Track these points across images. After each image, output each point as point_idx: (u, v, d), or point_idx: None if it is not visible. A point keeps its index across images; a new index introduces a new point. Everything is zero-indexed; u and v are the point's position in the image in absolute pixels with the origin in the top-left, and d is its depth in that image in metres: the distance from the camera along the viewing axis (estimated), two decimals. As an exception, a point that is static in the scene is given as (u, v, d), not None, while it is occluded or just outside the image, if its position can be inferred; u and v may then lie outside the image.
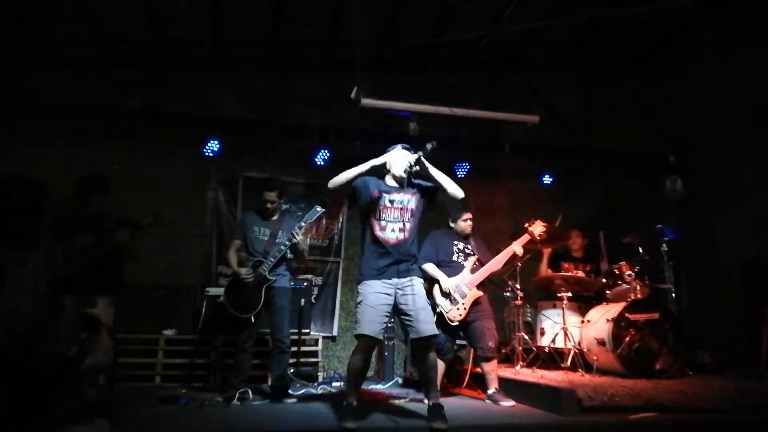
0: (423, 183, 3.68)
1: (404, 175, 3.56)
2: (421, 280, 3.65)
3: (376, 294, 3.47)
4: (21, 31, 5.55)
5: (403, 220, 3.58)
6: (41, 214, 4.62)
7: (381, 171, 3.71)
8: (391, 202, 3.60)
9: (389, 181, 3.69)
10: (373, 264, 3.54)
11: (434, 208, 3.83)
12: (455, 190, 3.67)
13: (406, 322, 3.52)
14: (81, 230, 4.05)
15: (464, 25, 5.78)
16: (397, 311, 3.55)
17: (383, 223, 3.58)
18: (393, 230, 3.56)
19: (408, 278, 3.51)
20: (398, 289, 3.51)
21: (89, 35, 5.69)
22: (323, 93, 6.60)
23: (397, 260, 3.51)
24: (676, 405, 3.90)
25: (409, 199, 3.62)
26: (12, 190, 5.09)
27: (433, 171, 3.62)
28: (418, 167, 3.54)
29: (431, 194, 3.70)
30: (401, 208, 3.60)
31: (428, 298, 4.47)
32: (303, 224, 4.50)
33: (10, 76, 5.85)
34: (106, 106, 5.92)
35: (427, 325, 3.47)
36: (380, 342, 3.64)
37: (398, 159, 3.64)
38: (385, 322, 3.53)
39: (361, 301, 3.51)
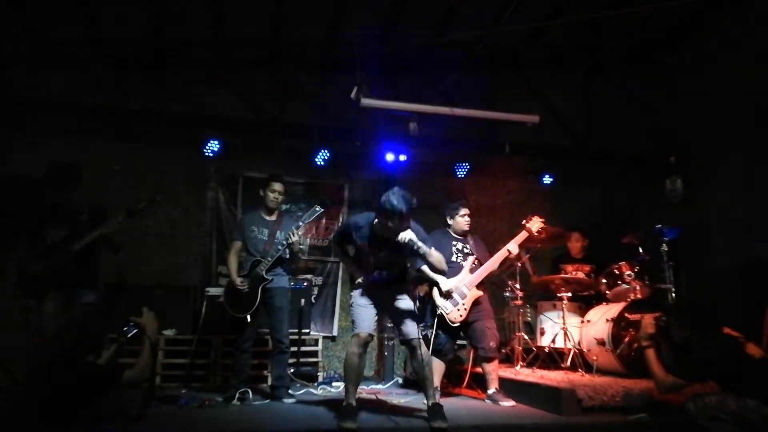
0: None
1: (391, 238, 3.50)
2: (407, 293, 3.78)
3: (365, 295, 3.72)
4: (21, 31, 5.55)
5: (383, 267, 3.70)
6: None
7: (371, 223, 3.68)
8: (375, 258, 3.67)
9: (372, 231, 3.62)
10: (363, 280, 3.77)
11: None
12: (440, 267, 3.67)
13: (395, 324, 3.76)
14: (52, 224, 3.96)
15: (464, 25, 5.78)
16: (385, 312, 3.79)
17: (366, 268, 3.74)
18: (377, 273, 3.70)
19: (393, 291, 3.73)
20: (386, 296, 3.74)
21: (89, 35, 5.69)
22: (323, 93, 6.60)
23: (381, 288, 3.72)
24: (676, 405, 3.89)
25: (392, 252, 3.63)
26: (12, 190, 5.08)
27: (425, 252, 3.50)
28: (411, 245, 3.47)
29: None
30: (382, 260, 3.68)
31: (429, 300, 4.50)
32: (302, 224, 4.52)
33: (11, 76, 5.85)
34: (106, 106, 5.92)
35: (414, 328, 3.66)
36: (374, 337, 3.74)
37: (394, 225, 3.43)
38: (377, 317, 3.69)
39: (353, 303, 3.75)
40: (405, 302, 3.72)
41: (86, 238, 3.95)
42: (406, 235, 3.42)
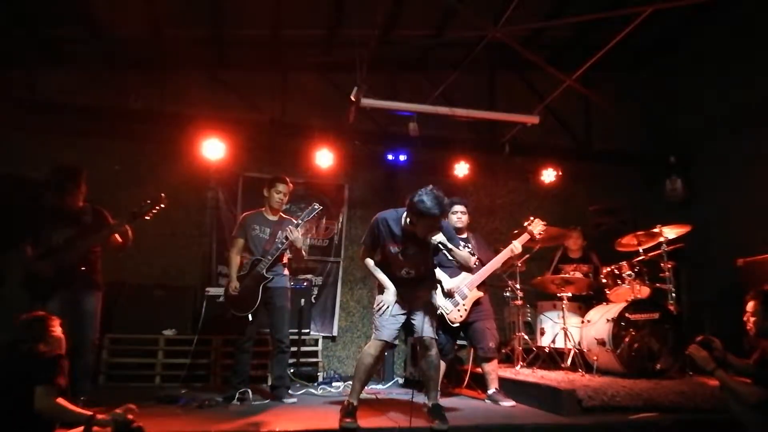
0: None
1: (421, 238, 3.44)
2: (432, 291, 3.75)
3: (392, 303, 3.59)
4: (21, 31, 5.55)
5: (410, 267, 3.63)
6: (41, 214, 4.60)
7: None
8: (404, 255, 3.59)
9: (403, 230, 3.55)
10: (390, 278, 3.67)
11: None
12: (469, 264, 3.71)
13: (412, 320, 3.64)
14: (56, 226, 3.98)
15: (464, 25, 5.78)
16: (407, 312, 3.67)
17: (393, 267, 3.66)
18: (402, 272, 3.64)
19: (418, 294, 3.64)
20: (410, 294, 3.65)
21: (89, 35, 5.69)
22: (323, 93, 6.60)
23: (410, 286, 3.65)
24: (676, 405, 3.90)
25: (419, 252, 3.58)
26: (12, 190, 5.08)
27: (456, 254, 3.47)
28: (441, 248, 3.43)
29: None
30: (410, 261, 3.60)
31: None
32: (301, 222, 4.54)
33: (10, 76, 5.85)
34: (106, 106, 5.92)
35: (429, 327, 3.60)
36: (394, 346, 3.70)
37: (425, 227, 3.38)
38: (399, 328, 3.64)
39: (378, 310, 3.60)
40: (428, 301, 3.68)
41: (89, 243, 3.96)
42: (437, 238, 3.36)
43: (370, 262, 3.72)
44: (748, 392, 3.19)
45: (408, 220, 3.44)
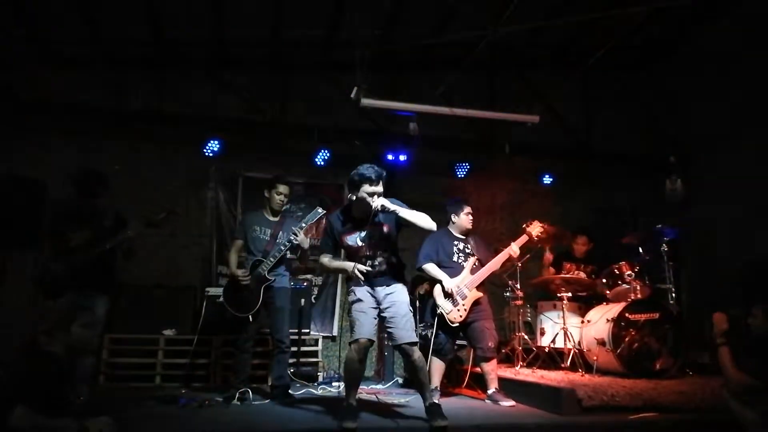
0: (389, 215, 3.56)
1: (369, 212, 3.49)
2: (405, 288, 3.69)
3: (364, 298, 3.61)
4: (21, 31, 5.55)
5: (373, 255, 3.61)
6: (41, 214, 4.60)
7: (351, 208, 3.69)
8: (361, 240, 3.63)
9: (353, 217, 3.65)
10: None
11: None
12: (427, 224, 3.57)
13: (388, 328, 3.61)
14: (75, 227, 3.99)
15: (464, 25, 5.78)
16: (380, 316, 3.63)
17: (354, 258, 3.65)
18: (367, 264, 3.61)
19: (390, 288, 3.60)
20: (382, 294, 3.61)
21: (89, 35, 5.69)
22: (323, 93, 6.60)
23: (376, 281, 3.61)
24: (676, 405, 3.90)
25: (375, 232, 3.61)
26: (12, 190, 5.08)
27: (402, 213, 3.49)
28: (382, 212, 3.48)
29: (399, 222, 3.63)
30: (369, 244, 3.61)
31: (429, 298, 4.50)
32: (304, 225, 4.53)
33: (10, 76, 5.84)
34: (106, 106, 5.92)
35: (406, 332, 3.52)
36: (374, 342, 3.66)
37: (360, 202, 3.56)
38: (377, 320, 3.61)
39: (351, 306, 3.67)
40: (398, 303, 3.56)
41: (107, 243, 3.98)
42: (378, 202, 3.42)
43: (323, 259, 3.77)
44: (736, 378, 3.20)
45: (352, 202, 3.56)
